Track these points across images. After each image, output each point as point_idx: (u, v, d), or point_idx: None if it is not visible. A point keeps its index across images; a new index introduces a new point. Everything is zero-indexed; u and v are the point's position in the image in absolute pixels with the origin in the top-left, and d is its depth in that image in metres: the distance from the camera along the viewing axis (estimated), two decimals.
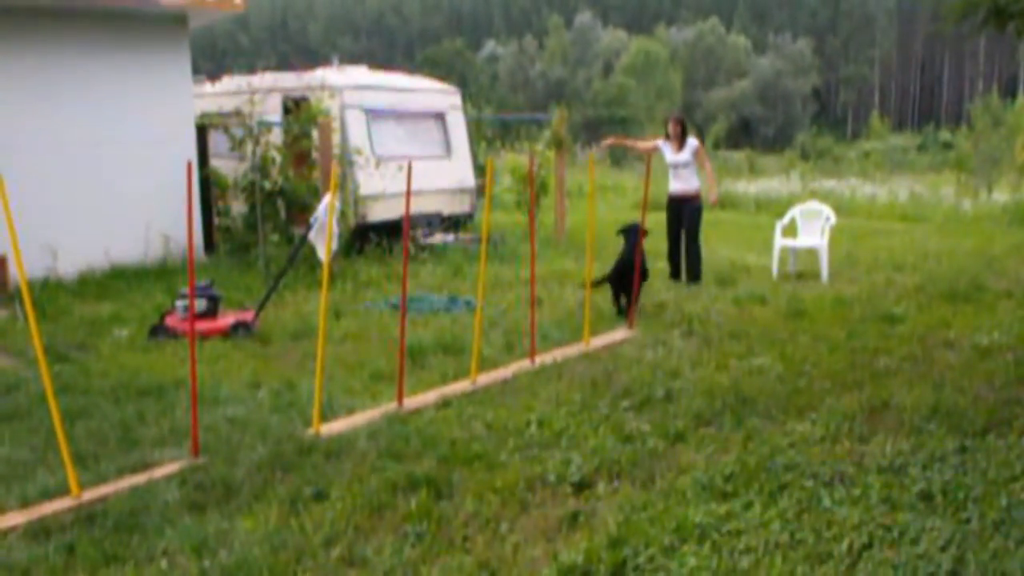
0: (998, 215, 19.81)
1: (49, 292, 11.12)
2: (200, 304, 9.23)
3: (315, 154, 13.75)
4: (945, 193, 23.67)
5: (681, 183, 12.10)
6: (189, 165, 6.25)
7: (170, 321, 9.24)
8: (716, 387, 7.23)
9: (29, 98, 12.34)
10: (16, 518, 5.12)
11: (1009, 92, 56.78)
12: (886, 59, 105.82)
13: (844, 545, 4.64)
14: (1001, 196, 22.31)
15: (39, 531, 4.97)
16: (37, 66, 12.42)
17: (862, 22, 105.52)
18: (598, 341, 8.81)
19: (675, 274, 12.09)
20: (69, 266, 12.19)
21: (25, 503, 5.30)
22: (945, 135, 61.37)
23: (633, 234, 10.03)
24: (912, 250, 14.62)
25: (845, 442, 6.04)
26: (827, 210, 12.87)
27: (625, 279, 9.82)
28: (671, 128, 12.24)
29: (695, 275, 11.87)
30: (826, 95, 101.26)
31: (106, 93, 12.98)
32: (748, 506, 5.08)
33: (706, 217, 12.30)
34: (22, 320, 9.71)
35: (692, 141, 12.14)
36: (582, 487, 5.43)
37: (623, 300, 9.99)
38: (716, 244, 12.54)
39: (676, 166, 12.11)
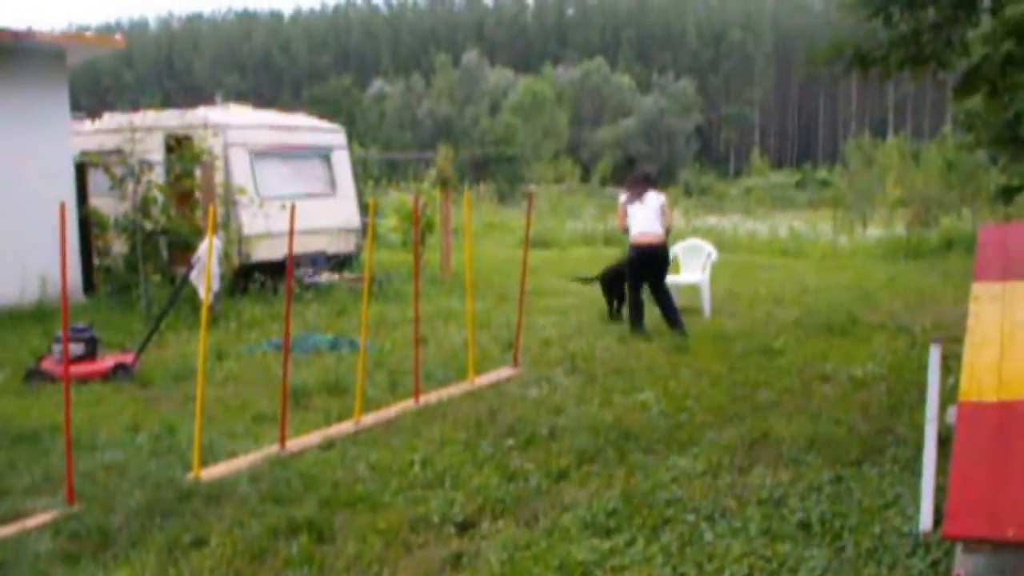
0: (872, 250, 20.47)
1: None
2: (77, 347, 9.00)
3: (198, 193, 13.58)
4: (823, 229, 24.35)
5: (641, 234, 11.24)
6: (62, 206, 6.12)
7: (46, 365, 9.01)
8: (599, 423, 7.29)
9: None
10: None
11: (880, 132, 58.73)
12: (765, 99, 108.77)
13: None
14: (875, 231, 23.06)
15: None
16: None
17: (742, 63, 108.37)
18: (483, 379, 8.83)
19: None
20: None
21: None
22: (822, 173, 63.10)
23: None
24: (792, 285, 14.98)
25: (726, 475, 6.15)
26: (709, 247, 13.13)
27: (618, 283, 11.13)
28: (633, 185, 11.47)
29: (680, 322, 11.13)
30: (708, 133, 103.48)
31: None
32: (631, 542, 5.14)
33: (592, 253, 12.43)
34: None
35: (660, 196, 11.38)
36: (466, 527, 5.43)
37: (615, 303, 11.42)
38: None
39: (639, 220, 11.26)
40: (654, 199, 11.17)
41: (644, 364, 9.40)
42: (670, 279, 12.48)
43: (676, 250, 13.15)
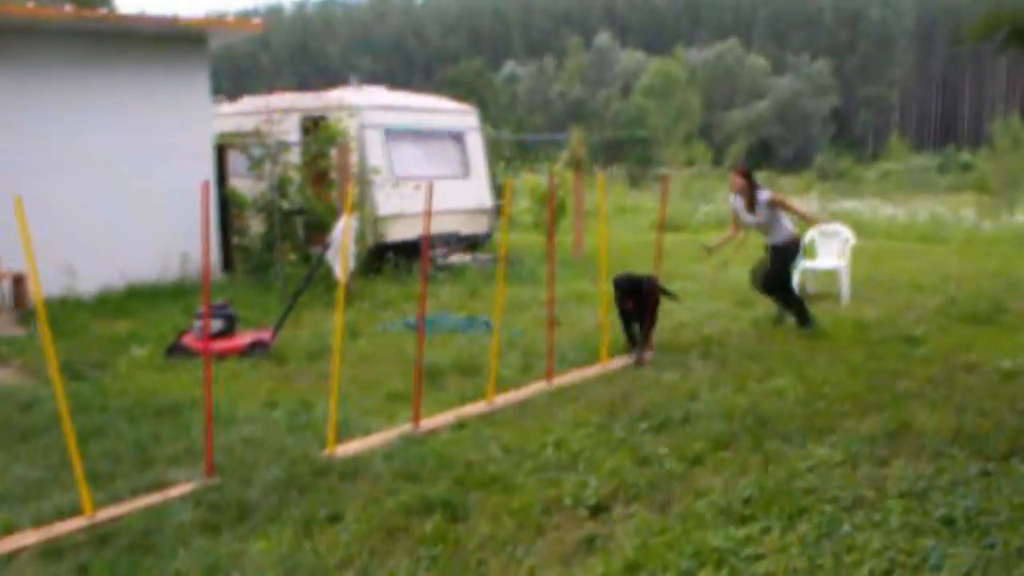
0: (1020, 236, 19.67)
1: (67, 310, 11.14)
2: (217, 324, 9.22)
3: (333, 174, 13.77)
4: (965, 214, 23.53)
5: (770, 237, 10.58)
6: (206, 184, 6.24)
7: (187, 340, 9.24)
8: (734, 409, 7.16)
9: (51, 118, 12.40)
10: (30, 537, 5.11)
11: None
12: (906, 79, 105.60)
13: (865, 571, 4.57)
14: (1023, 217, 22.17)
15: (52, 551, 4.96)
16: (59, 86, 12.49)
17: (881, 43, 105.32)
18: (616, 363, 8.76)
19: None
20: (87, 285, 12.21)
21: (39, 522, 5.28)
22: (965, 156, 61.12)
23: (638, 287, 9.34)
24: (932, 271, 14.52)
25: (865, 466, 5.96)
26: (846, 231, 12.79)
27: (639, 304, 9.23)
28: (734, 182, 10.65)
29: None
30: (845, 116, 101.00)
31: (127, 112, 13.03)
32: (767, 530, 5.02)
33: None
34: (39, 338, 9.72)
35: (764, 194, 10.40)
36: (598, 510, 5.37)
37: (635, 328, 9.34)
38: (735, 265, 12.41)
39: (758, 226, 10.55)
40: (761, 202, 10.41)
41: (779, 350, 9.20)
42: (807, 264, 12.22)
43: (812, 235, 12.84)
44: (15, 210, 5.17)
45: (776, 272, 10.48)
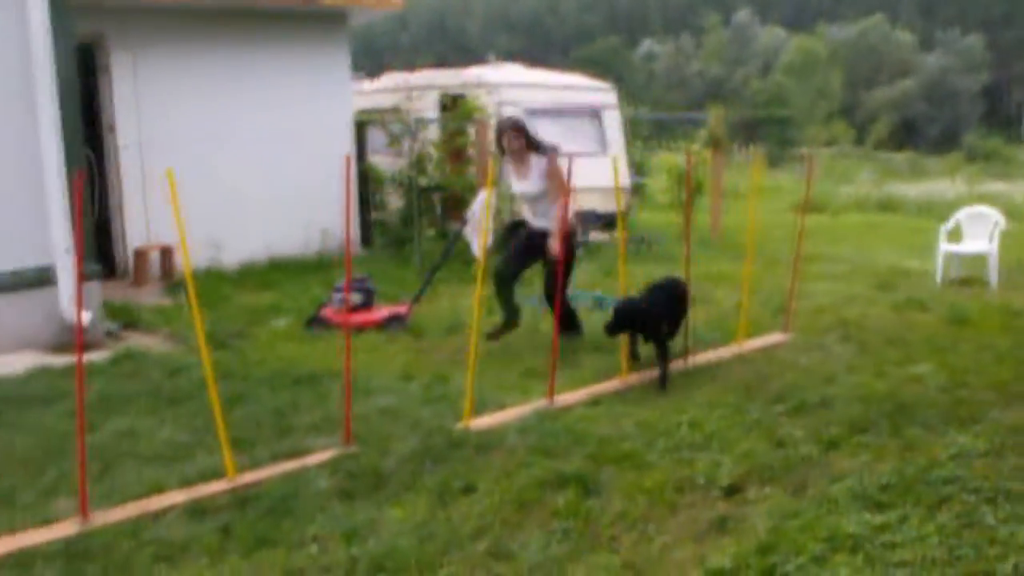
0: None
1: (212, 282, 11.49)
2: (356, 297, 9.42)
3: (471, 150, 13.88)
4: None
5: (538, 217, 8.75)
6: (347, 159, 6.36)
7: (326, 313, 9.45)
8: (872, 394, 7.03)
9: (196, 94, 12.77)
10: (176, 497, 5.32)
11: None
12: None
13: (1008, 565, 4.43)
14: None
15: (197, 511, 5.14)
16: (204, 64, 12.85)
17: None
18: (753, 344, 8.66)
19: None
20: (231, 257, 12.57)
21: (185, 483, 5.49)
22: None
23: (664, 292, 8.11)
24: None
25: (1011, 457, 5.78)
26: (996, 214, 12.37)
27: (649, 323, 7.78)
28: (508, 141, 8.61)
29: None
30: (997, 93, 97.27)
31: (270, 89, 13.33)
32: (904, 519, 4.91)
33: (865, 220, 11.89)
34: (186, 308, 10.07)
35: (542, 161, 8.54)
36: (732, 491, 5.34)
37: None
38: (876, 248, 12.12)
39: (526, 199, 8.84)
40: (536, 168, 8.62)
41: (920, 335, 8.97)
42: (953, 247, 11.87)
43: (959, 217, 12.46)
44: (168, 184, 5.34)
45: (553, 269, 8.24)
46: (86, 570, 4.50)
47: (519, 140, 8.55)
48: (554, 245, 8.20)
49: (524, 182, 8.68)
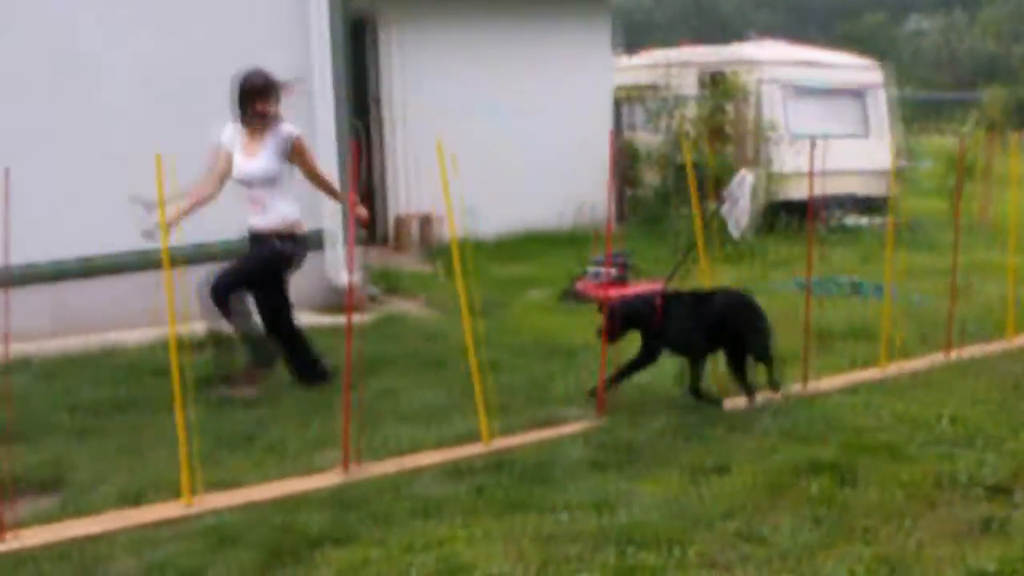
0: None
1: (468, 251, 11.78)
2: (612, 272, 9.48)
3: (729, 129, 13.72)
4: None
5: (257, 214, 6.78)
6: (611, 133, 6.44)
7: (581, 286, 9.56)
8: None
9: (458, 68, 13.09)
10: (433, 457, 5.56)
11: None
12: None
13: None
14: None
15: (452, 471, 5.35)
16: (466, 38, 13.18)
17: None
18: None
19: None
20: (488, 228, 12.87)
21: (441, 444, 5.72)
22: None
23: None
24: None
25: None
26: None
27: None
28: (261, 105, 6.64)
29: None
30: None
31: (531, 64, 13.54)
32: None
33: None
34: (444, 276, 10.43)
35: (283, 132, 6.67)
36: (997, 491, 5.09)
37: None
38: None
39: (248, 186, 6.74)
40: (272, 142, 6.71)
41: None
42: None
43: None
44: (437, 154, 5.56)
45: (257, 271, 6.79)
46: (348, 518, 4.75)
47: (275, 105, 6.67)
48: (361, 212, 6.82)
49: (251, 161, 6.61)
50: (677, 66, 14.62)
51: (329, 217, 9.18)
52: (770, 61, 14.77)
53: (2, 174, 4.50)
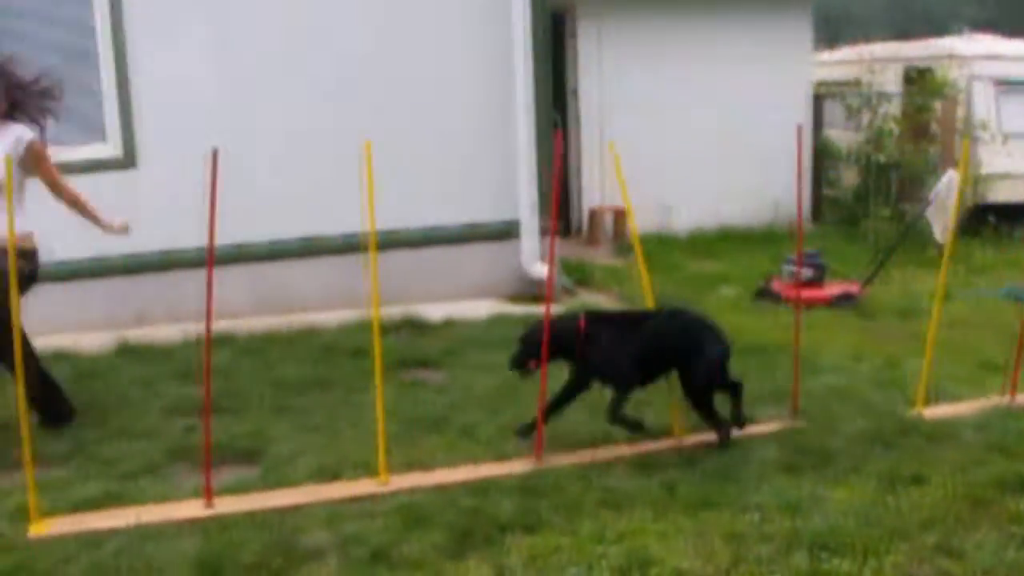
0: None
1: (661, 246, 11.75)
2: (807, 272, 9.29)
3: (934, 127, 13.22)
4: None
5: None
6: (799, 129, 6.31)
7: (776, 285, 9.41)
8: None
9: (654, 62, 13.12)
10: (623, 449, 5.58)
11: None
12: None
13: None
14: None
15: (643, 465, 5.34)
16: (663, 32, 13.17)
17: None
18: None
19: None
20: (681, 223, 12.80)
21: (631, 438, 5.70)
22: None
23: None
24: None
25: None
26: None
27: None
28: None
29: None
30: None
31: (727, 58, 13.35)
32: None
33: None
34: (635, 270, 10.41)
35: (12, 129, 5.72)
36: None
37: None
38: None
39: None
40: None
41: None
42: None
43: None
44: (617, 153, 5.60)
45: None
46: (538, 505, 4.80)
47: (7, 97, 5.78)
48: (112, 222, 6.09)
49: None
50: (880, 61, 14.15)
51: (528, 208, 9.29)
52: (980, 56, 14.14)
53: (212, 155, 4.71)
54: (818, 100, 14.41)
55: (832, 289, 9.36)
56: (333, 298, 8.58)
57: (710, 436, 5.70)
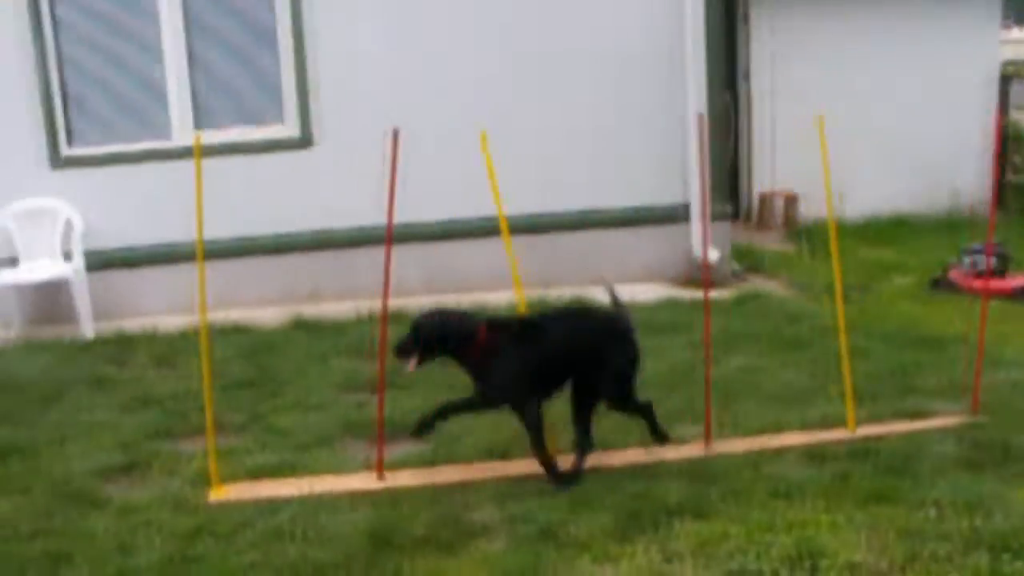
0: None
1: (835, 233, 11.43)
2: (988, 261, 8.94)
3: None
4: None
5: None
6: (997, 113, 6.06)
7: (954, 275, 9.10)
8: None
9: (827, 45, 12.70)
10: (795, 438, 5.49)
11: None
12: None
13: None
14: None
15: (814, 455, 5.25)
16: (836, 14, 12.72)
17: None
18: None
19: None
20: (853, 209, 12.44)
21: (804, 426, 5.64)
22: None
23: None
24: None
25: None
26: None
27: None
28: None
29: None
30: None
31: (904, 40, 12.87)
32: None
33: None
34: (807, 256, 10.22)
35: None
36: None
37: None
38: None
39: None
40: None
41: None
42: None
43: None
44: (813, 131, 5.45)
45: None
46: (708, 491, 4.79)
47: None
48: None
49: None
50: None
51: (697, 192, 9.22)
52: None
53: (393, 135, 4.81)
54: (1005, 81, 13.80)
55: (1017, 280, 8.99)
56: (504, 278, 8.67)
57: (884, 428, 5.56)
